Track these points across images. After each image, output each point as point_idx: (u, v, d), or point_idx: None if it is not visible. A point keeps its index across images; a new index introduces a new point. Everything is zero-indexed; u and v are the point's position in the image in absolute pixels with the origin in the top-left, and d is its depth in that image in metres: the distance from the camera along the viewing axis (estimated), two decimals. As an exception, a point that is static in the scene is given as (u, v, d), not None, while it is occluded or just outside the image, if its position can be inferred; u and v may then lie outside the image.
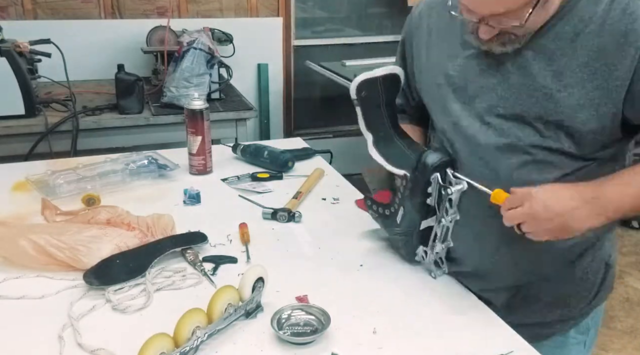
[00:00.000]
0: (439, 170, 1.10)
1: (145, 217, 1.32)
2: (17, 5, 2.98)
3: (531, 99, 1.02)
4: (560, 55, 1.00)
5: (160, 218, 1.31)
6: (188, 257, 1.22)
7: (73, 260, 1.15)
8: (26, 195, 1.53)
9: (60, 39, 2.40)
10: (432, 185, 1.10)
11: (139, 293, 1.11)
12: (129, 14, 3.18)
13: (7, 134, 2.28)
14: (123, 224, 1.28)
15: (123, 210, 1.34)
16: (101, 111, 2.46)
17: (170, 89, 2.48)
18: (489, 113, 1.07)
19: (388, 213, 1.18)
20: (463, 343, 0.98)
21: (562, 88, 0.99)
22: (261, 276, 1.06)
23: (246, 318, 1.03)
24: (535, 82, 1.01)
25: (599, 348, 2.52)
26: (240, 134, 2.62)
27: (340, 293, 1.12)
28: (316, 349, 0.96)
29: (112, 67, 2.45)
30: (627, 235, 3.53)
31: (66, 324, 1.01)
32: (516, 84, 1.03)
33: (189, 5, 3.28)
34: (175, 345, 0.91)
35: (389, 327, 1.02)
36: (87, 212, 1.34)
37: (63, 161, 1.78)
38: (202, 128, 1.64)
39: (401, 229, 1.16)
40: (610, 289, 1.22)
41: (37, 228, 1.25)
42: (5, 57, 2.22)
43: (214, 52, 2.52)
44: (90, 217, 1.30)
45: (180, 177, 1.67)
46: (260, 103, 3.54)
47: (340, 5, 3.85)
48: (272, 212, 1.42)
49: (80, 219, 1.31)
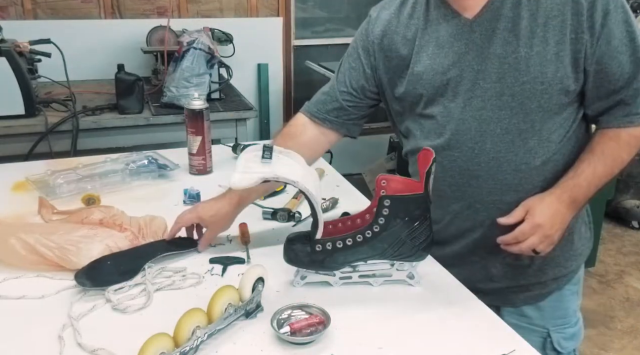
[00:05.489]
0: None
1: (138, 219, 1.31)
2: (17, 5, 2.98)
3: (504, 66, 1.14)
4: (519, 20, 1.12)
5: (153, 220, 1.31)
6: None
7: (62, 260, 1.15)
8: (26, 195, 1.53)
9: (60, 39, 2.40)
10: None
11: (139, 293, 1.11)
12: (129, 14, 3.18)
13: (7, 134, 2.29)
14: (115, 225, 1.27)
15: (118, 210, 1.33)
16: (101, 111, 2.46)
17: (170, 89, 2.48)
18: (473, 89, 1.17)
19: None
20: (463, 343, 0.98)
21: (529, 49, 1.12)
22: (261, 276, 1.05)
23: (246, 318, 1.03)
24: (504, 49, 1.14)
25: (599, 348, 2.53)
26: (240, 134, 2.62)
27: (341, 293, 1.12)
28: (316, 349, 0.96)
29: (112, 67, 2.45)
30: (627, 235, 3.53)
31: (66, 324, 1.01)
32: (490, 54, 1.15)
33: (189, 5, 3.29)
34: (175, 345, 0.91)
35: (389, 327, 1.02)
36: (81, 211, 1.33)
37: (63, 161, 1.78)
38: (202, 128, 1.64)
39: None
40: (592, 242, 1.38)
41: (28, 227, 1.24)
42: (5, 57, 2.22)
43: (214, 52, 2.52)
44: (84, 216, 1.29)
45: (180, 177, 1.67)
46: (260, 103, 3.55)
47: (340, 5, 3.85)
48: (272, 212, 1.42)
49: (74, 218, 1.31)
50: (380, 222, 1.06)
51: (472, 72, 1.17)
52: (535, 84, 1.13)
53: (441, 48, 1.19)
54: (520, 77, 1.13)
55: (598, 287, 2.94)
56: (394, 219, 1.06)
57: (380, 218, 1.06)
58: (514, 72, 1.13)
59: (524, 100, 1.14)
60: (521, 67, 1.13)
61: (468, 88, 1.18)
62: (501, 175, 1.19)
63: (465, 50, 1.17)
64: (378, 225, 1.06)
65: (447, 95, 1.20)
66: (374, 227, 1.07)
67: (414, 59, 1.23)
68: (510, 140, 1.17)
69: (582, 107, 1.21)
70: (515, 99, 1.15)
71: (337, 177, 1.72)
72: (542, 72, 1.12)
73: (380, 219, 1.06)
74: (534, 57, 1.12)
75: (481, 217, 1.24)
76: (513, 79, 1.14)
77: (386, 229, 1.06)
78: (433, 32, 1.21)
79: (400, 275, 1.13)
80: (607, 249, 3.33)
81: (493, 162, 1.19)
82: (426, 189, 1.06)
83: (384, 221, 1.06)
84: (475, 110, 1.18)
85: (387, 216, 1.06)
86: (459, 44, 1.18)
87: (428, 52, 1.21)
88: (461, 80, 1.18)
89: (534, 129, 1.16)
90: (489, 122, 1.17)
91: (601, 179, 1.17)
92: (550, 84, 1.13)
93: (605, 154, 1.17)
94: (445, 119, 1.21)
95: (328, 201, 1.49)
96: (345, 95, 1.33)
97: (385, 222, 1.06)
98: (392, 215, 1.06)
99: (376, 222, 1.06)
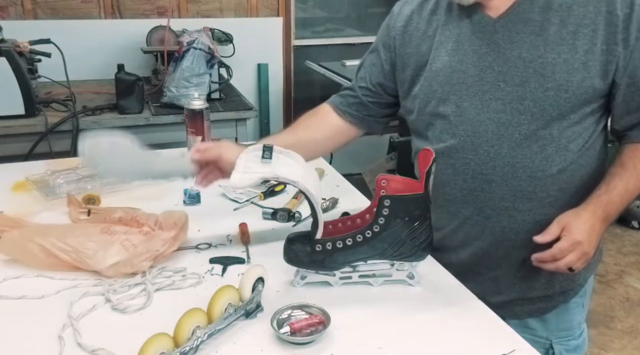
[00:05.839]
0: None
1: (157, 214, 1.30)
2: (17, 5, 2.98)
3: (529, 70, 1.11)
4: (548, 25, 1.10)
5: (173, 214, 1.29)
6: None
7: (79, 262, 1.16)
8: (26, 195, 1.53)
9: (60, 39, 2.40)
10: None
11: (139, 293, 1.11)
12: (129, 14, 3.18)
13: (7, 134, 2.28)
14: (132, 222, 1.28)
15: (141, 211, 1.32)
16: (101, 111, 2.46)
17: (170, 89, 2.48)
18: (492, 91, 1.15)
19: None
20: (464, 343, 0.98)
21: (556, 55, 1.10)
22: (261, 276, 1.05)
23: (246, 318, 1.03)
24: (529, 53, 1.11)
25: (599, 348, 2.53)
26: (240, 134, 2.62)
27: (341, 293, 1.12)
28: (316, 349, 0.96)
29: (112, 67, 2.45)
30: (627, 235, 3.53)
31: (66, 324, 1.01)
32: (514, 57, 1.12)
33: (189, 5, 3.29)
34: (175, 345, 0.91)
35: (389, 327, 1.02)
36: (106, 210, 1.33)
37: (63, 161, 1.78)
38: (202, 128, 1.64)
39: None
40: (601, 254, 1.34)
41: (45, 230, 1.25)
42: (5, 57, 2.22)
43: (214, 52, 2.52)
44: (107, 215, 1.30)
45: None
46: (260, 103, 3.55)
47: (340, 5, 3.85)
48: (272, 212, 1.42)
49: (98, 218, 1.31)
50: (380, 222, 1.06)
51: (492, 73, 1.14)
52: (559, 91, 1.10)
53: (461, 45, 1.17)
54: (544, 82, 1.11)
55: (598, 287, 2.94)
56: (394, 219, 1.06)
57: (380, 218, 1.06)
58: (539, 77, 1.11)
59: (546, 107, 1.11)
60: (546, 73, 1.10)
61: (487, 89, 1.15)
62: (515, 182, 1.16)
63: (486, 51, 1.15)
64: (378, 225, 1.06)
65: (462, 94, 1.17)
66: (374, 227, 1.07)
67: (433, 54, 1.21)
68: (528, 145, 1.14)
69: (603, 119, 1.18)
70: (536, 105, 1.12)
71: (337, 177, 1.72)
72: (568, 79, 1.09)
73: (380, 219, 1.06)
74: (561, 63, 1.10)
75: (491, 223, 1.21)
76: (537, 84, 1.11)
77: (386, 229, 1.06)
78: (454, 29, 1.19)
79: (400, 275, 1.13)
80: (607, 249, 3.32)
81: (508, 167, 1.16)
82: (426, 189, 1.06)
83: (384, 221, 1.06)
84: (493, 113, 1.15)
85: (387, 216, 1.06)
86: (480, 42, 1.15)
87: (447, 48, 1.19)
88: (479, 80, 1.16)
89: (552, 136, 1.13)
90: (507, 125, 1.14)
91: (632, 193, 1.14)
92: (575, 93, 1.10)
93: (637, 169, 1.14)
94: (458, 119, 1.18)
95: (328, 201, 1.49)
96: (365, 90, 1.34)
97: (385, 222, 1.06)
98: (392, 215, 1.06)
99: (376, 222, 1.06)
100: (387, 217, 1.06)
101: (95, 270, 1.15)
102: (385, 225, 1.06)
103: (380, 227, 1.06)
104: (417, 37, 1.25)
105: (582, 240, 1.09)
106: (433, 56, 1.21)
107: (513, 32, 1.13)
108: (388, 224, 1.06)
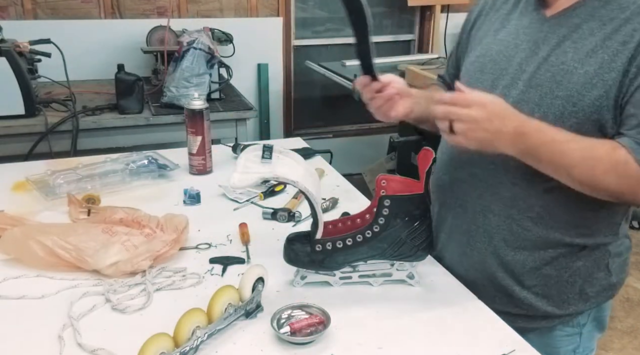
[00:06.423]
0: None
1: (159, 217, 1.30)
2: (17, 5, 2.98)
3: (547, 74, 1.07)
4: (588, 34, 1.05)
5: (174, 217, 1.30)
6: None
7: (79, 261, 1.16)
8: (26, 195, 1.53)
9: (60, 39, 2.40)
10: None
11: (139, 293, 1.11)
12: (129, 14, 3.18)
13: (7, 134, 2.29)
14: (134, 223, 1.28)
15: (142, 212, 1.32)
16: (101, 111, 2.46)
17: (170, 89, 2.48)
18: (510, 86, 1.12)
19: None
20: (464, 343, 0.98)
21: (579, 64, 1.03)
22: (261, 276, 1.06)
23: (246, 318, 1.03)
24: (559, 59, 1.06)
25: (599, 348, 2.52)
26: (240, 134, 2.62)
27: (340, 293, 1.12)
28: (316, 349, 0.96)
29: (112, 67, 2.45)
30: (627, 235, 3.52)
31: (66, 324, 1.01)
32: (538, 57, 1.09)
33: (189, 5, 3.29)
34: (175, 345, 0.91)
35: (389, 327, 1.02)
36: (105, 210, 1.33)
37: (63, 161, 1.78)
38: (202, 128, 1.64)
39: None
40: (616, 289, 1.21)
41: (46, 228, 1.25)
42: (5, 57, 2.22)
43: (214, 52, 2.52)
44: (107, 216, 1.30)
45: (180, 177, 1.67)
46: (260, 103, 3.55)
47: (340, 5, 3.84)
48: (272, 212, 1.42)
49: (99, 218, 1.31)
50: (380, 222, 1.06)
51: (517, 70, 1.11)
52: (567, 103, 1.03)
53: (507, 35, 1.16)
54: (556, 90, 1.04)
55: (598, 287, 2.94)
56: (394, 219, 1.06)
57: (380, 218, 1.06)
58: (553, 83, 1.05)
59: (549, 115, 1.05)
60: (562, 80, 1.04)
61: (505, 84, 1.12)
62: (501, 183, 1.13)
63: (524, 47, 1.12)
64: (378, 225, 1.06)
65: (485, 84, 1.14)
66: (374, 227, 1.07)
67: (484, 41, 1.21)
68: None
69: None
70: (540, 110, 1.06)
71: (337, 177, 1.72)
72: (580, 92, 1.02)
73: (380, 219, 1.06)
74: (580, 75, 1.02)
75: (467, 218, 1.19)
76: (548, 90, 1.06)
77: (386, 229, 1.06)
78: (513, 20, 1.18)
79: (400, 275, 1.13)
80: (607, 249, 3.32)
81: (492, 166, 1.13)
82: (426, 189, 1.06)
83: (384, 221, 1.06)
84: None
85: (387, 216, 1.06)
86: (525, 38, 1.13)
87: (497, 36, 1.18)
88: (503, 74, 1.14)
89: None
90: None
91: (564, 154, 1.00)
92: (583, 109, 1.02)
93: (589, 145, 1.01)
94: None
95: (328, 201, 1.49)
96: (452, 69, 1.38)
97: (385, 222, 1.06)
98: (392, 215, 1.06)
99: (376, 222, 1.06)
100: (387, 217, 1.06)
101: (95, 270, 1.15)
102: (385, 225, 1.06)
103: (380, 227, 1.06)
104: (483, 22, 1.26)
105: (488, 109, 0.99)
106: (483, 43, 1.21)
107: (553, 34, 1.09)
108: (388, 224, 1.06)
